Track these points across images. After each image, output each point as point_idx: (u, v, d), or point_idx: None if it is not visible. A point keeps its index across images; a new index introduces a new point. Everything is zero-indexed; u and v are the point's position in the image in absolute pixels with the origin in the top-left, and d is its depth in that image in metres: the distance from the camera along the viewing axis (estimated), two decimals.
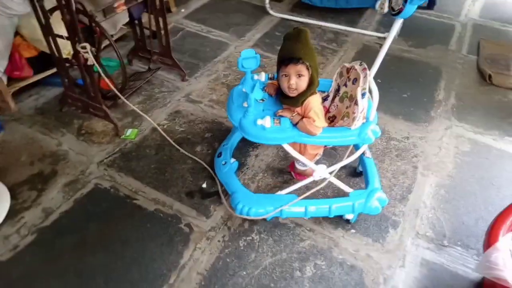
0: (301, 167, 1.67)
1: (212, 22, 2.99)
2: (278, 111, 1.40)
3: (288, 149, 1.42)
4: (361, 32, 2.95)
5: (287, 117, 1.36)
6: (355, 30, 2.96)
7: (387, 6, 3.14)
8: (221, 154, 1.74)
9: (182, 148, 1.88)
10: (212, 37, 2.82)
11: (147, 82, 2.29)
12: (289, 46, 1.32)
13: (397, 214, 1.65)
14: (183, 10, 3.12)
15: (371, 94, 1.40)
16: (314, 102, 1.37)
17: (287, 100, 1.39)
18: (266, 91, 1.49)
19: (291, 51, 1.30)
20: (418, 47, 2.83)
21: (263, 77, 1.56)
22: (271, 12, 3.13)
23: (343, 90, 1.53)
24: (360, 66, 1.44)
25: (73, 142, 1.91)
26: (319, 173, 1.51)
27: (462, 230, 1.60)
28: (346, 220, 1.58)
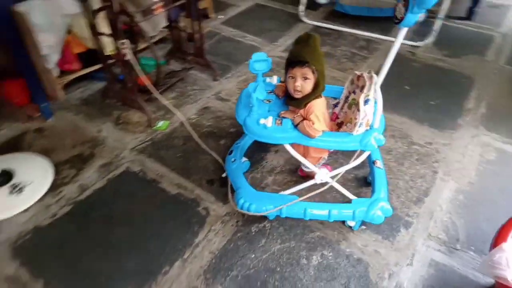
0: (306, 170, 1.69)
1: (247, 28, 3.13)
2: (281, 112, 1.45)
3: (289, 150, 1.45)
4: (394, 40, 2.95)
5: (289, 118, 1.40)
6: (388, 38, 2.97)
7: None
8: (232, 152, 1.80)
9: (208, 140, 2.01)
10: (245, 41, 2.96)
11: (182, 80, 2.46)
12: (297, 49, 1.37)
13: (410, 215, 1.66)
14: (221, 17, 3.30)
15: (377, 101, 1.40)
16: (316, 106, 1.40)
17: (292, 101, 1.44)
18: (275, 93, 1.55)
19: (299, 54, 1.34)
20: (453, 57, 2.79)
21: (275, 80, 1.62)
22: (305, 19, 3.22)
23: (352, 97, 1.56)
24: (368, 74, 1.46)
25: (111, 130, 2.10)
26: (321, 176, 1.53)
27: (478, 236, 1.58)
28: (349, 226, 1.59)
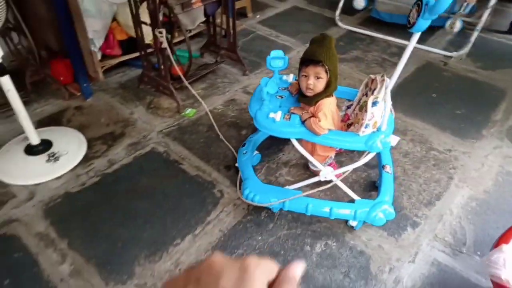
0: (313, 167, 1.73)
1: (282, 28, 3.23)
2: (291, 108, 1.49)
3: (296, 145, 1.49)
4: (427, 49, 2.95)
5: (298, 114, 1.45)
6: (422, 47, 2.96)
7: (458, 26, 3.10)
8: (244, 145, 1.85)
9: (230, 129, 2.11)
10: (279, 41, 3.05)
11: (213, 72, 2.59)
12: (312, 49, 1.40)
13: (419, 216, 1.68)
14: (258, 16, 3.41)
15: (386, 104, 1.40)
16: (326, 104, 1.44)
17: (303, 98, 1.49)
18: (289, 90, 1.60)
19: (313, 53, 1.38)
20: (487, 69, 2.74)
21: (291, 78, 1.67)
22: (340, 24, 3.27)
23: (363, 99, 1.58)
24: (381, 77, 1.47)
25: (142, 113, 2.25)
26: (325, 174, 1.55)
27: (485, 242, 1.57)
28: (351, 226, 1.60)
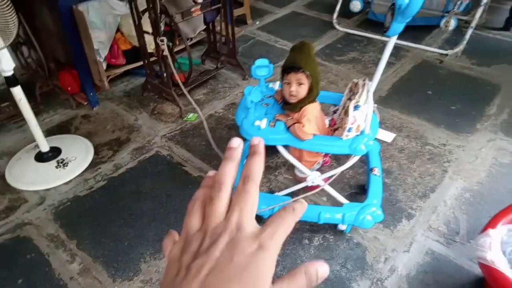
0: (300, 174, 1.75)
1: (281, 33, 3.31)
2: (277, 115, 1.52)
3: (282, 151, 1.52)
4: (423, 48, 3.00)
5: (283, 120, 1.47)
6: (418, 46, 3.02)
7: (453, 24, 3.15)
8: None
9: (231, 131, 2.20)
10: (278, 46, 3.13)
11: (214, 78, 2.68)
12: (292, 57, 1.45)
13: (414, 208, 1.73)
14: (258, 23, 3.50)
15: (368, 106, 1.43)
16: (309, 110, 1.48)
17: (288, 106, 1.52)
18: (275, 98, 1.64)
19: (293, 61, 1.43)
20: (482, 66, 2.79)
21: (277, 85, 1.69)
22: (337, 26, 3.35)
23: (347, 104, 1.57)
24: (363, 81, 1.50)
25: (146, 119, 2.34)
26: (312, 179, 1.58)
27: (478, 231, 1.58)
28: (340, 230, 1.62)
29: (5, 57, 1.72)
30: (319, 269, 0.31)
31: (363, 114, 1.42)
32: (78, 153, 2.06)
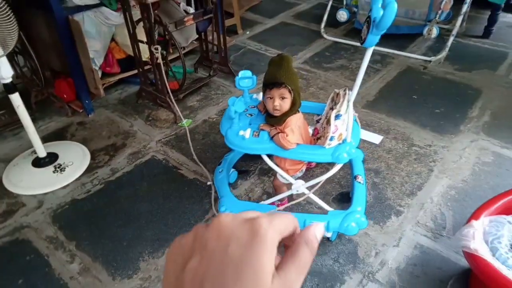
0: (281, 179, 1.73)
1: (270, 42, 3.41)
2: (261, 125, 1.54)
3: (266, 160, 1.55)
4: (408, 55, 3.13)
5: (267, 130, 1.50)
6: (402, 54, 3.14)
7: (435, 32, 3.29)
8: (221, 163, 1.90)
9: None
10: (268, 54, 3.23)
11: (207, 85, 2.75)
12: (273, 71, 1.44)
13: (402, 205, 1.81)
14: (248, 33, 3.60)
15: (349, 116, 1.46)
16: (292, 120, 1.49)
17: (271, 118, 1.53)
18: (258, 108, 1.66)
19: (275, 76, 1.42)
20: (463, 71, 2.92)
21: (261, 96, 1.67)
22: (325, 36, 3.46)
23: (330, 113, 1.58)
24: (343, 91, 1.53)
25: (141, 125, 2.39)
26: (296, 187, 1.59)
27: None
28: (327, 238, 1.63)
29: (4, 64, 1.77)
30: (316, 231, 0.31)
31: (345, 123, 1.45)
32: (75, 158, 2.10)
